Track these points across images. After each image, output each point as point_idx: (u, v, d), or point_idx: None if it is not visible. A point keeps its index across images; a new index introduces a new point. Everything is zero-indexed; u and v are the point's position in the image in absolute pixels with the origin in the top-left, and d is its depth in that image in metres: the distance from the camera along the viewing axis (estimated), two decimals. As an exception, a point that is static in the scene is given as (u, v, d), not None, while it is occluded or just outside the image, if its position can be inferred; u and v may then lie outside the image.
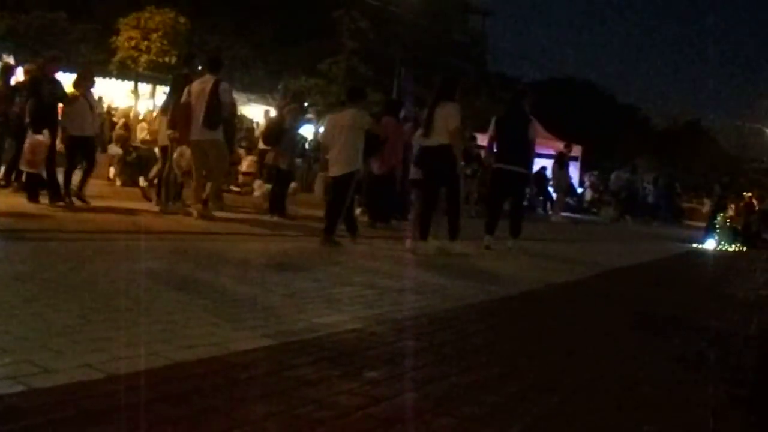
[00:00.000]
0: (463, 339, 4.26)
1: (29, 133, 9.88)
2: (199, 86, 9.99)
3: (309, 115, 12.73)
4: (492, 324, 4.96)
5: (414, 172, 10.39)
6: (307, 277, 6.00)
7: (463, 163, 9.73)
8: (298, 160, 15.62)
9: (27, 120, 10.03)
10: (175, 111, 10.27)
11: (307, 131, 16.04)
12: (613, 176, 28.54)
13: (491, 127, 10.30)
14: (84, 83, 10.98)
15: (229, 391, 2.86)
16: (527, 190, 13.50)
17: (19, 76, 13.04)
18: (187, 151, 10.08)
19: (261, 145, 15.75)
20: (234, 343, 3.54)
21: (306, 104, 13.39)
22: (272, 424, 2.56)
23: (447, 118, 8.61)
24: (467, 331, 4.53)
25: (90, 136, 10.82)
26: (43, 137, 9.79)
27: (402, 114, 14.14)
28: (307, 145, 19.06)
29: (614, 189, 27.41)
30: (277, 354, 3.46)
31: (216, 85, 9.92)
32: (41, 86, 10.05)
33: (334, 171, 8.83)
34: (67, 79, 13.42)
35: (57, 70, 10.85)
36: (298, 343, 3.68)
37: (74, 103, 10.48)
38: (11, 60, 19.02)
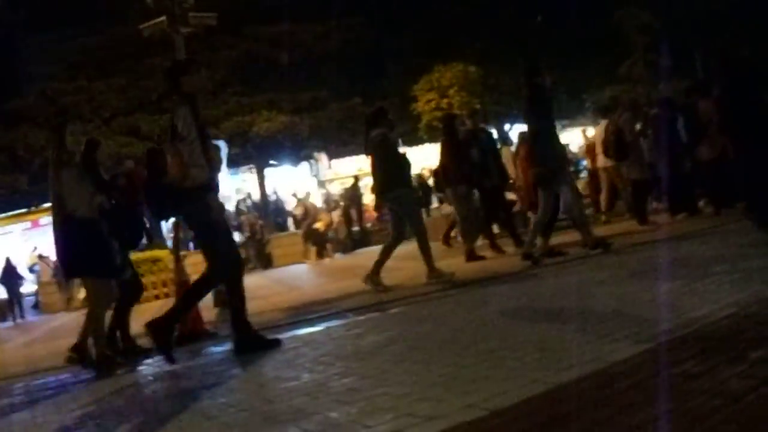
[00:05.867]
0: None
1: None
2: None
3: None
4: None
5: None
6: (666, 279, 5.85)
7: None
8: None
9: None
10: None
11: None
12: None
13: None
14: None
15: (617, 399, 2.89)
16: None
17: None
18: None
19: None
20: (610, 355, 3.55)
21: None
22: (666, 423, 2.55)
23: None
24: None
25: None
26: None
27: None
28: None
29: None
30: (656, 356, 3.43)
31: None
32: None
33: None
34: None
35: None
36: (674, 341, 3.61)
37: None
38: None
